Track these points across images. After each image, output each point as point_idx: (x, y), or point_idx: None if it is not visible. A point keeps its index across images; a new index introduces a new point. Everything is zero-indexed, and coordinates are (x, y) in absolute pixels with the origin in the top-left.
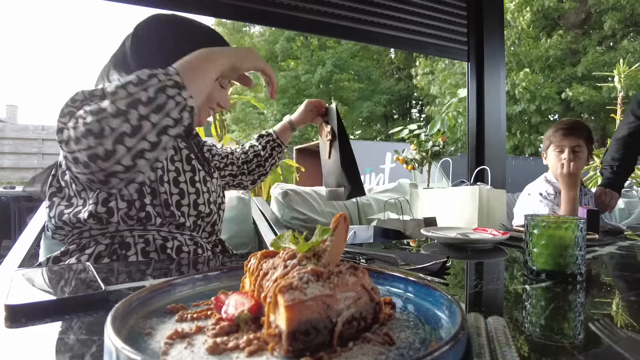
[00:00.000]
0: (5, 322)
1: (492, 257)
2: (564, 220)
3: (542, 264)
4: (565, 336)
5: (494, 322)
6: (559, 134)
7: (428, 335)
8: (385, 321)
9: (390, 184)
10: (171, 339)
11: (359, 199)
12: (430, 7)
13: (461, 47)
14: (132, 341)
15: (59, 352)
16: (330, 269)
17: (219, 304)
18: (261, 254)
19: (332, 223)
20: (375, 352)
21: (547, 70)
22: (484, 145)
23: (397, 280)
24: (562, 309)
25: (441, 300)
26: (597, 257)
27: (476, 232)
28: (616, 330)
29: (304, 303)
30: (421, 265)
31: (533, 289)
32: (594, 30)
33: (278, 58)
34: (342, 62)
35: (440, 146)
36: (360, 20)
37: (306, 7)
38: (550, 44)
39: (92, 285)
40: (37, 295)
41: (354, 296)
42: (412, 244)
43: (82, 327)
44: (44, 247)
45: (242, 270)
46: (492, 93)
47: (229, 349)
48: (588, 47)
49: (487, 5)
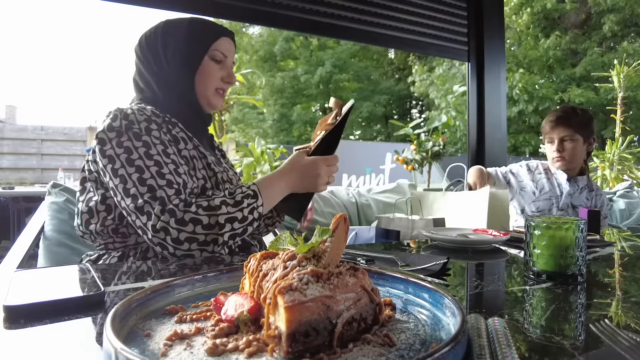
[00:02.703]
0: (4, 323)
1: (492, 258)
2: (564, 221)
3: (542, 264)
4: (566, 337)
5: (495, 323)
6: (548, 125)
7: (428, 336)
8: (385, 322)
9: (389, 184)
10: (170, 340)
11: (358, 199)
12: (430, 8)
13: (461, 48)
14: (131, 342)
15: (58, 353)
16: (330, 270)
17: (218, 305)
18: (261, 255)
19: (332, 224)
20: (375, 353)
21: (545, 71)
22: (485, 146)
23: (397, 282)
24: (563, 310)
25: (441, 301)
26: (597, 257)
27: (476, 233)
28: (617, 331)
29: (304, 304)
30: (421, 266)
31: (533, 290)
32: (595, 30)
33: (277, 58)
34: (342, 62)
35: (440, 146)
36: (360, 21)
37: (306, 8)
38: (548, 44)
39: (91, 287)
40: (36, 296)
41: (354, 297)
42: (412, 245)
43: (81, 329)
44: (42, 248)
45: (241, 271)
46: (492, 93)
47: (229, 350)
48: (588, 48)
49: (487, 6)
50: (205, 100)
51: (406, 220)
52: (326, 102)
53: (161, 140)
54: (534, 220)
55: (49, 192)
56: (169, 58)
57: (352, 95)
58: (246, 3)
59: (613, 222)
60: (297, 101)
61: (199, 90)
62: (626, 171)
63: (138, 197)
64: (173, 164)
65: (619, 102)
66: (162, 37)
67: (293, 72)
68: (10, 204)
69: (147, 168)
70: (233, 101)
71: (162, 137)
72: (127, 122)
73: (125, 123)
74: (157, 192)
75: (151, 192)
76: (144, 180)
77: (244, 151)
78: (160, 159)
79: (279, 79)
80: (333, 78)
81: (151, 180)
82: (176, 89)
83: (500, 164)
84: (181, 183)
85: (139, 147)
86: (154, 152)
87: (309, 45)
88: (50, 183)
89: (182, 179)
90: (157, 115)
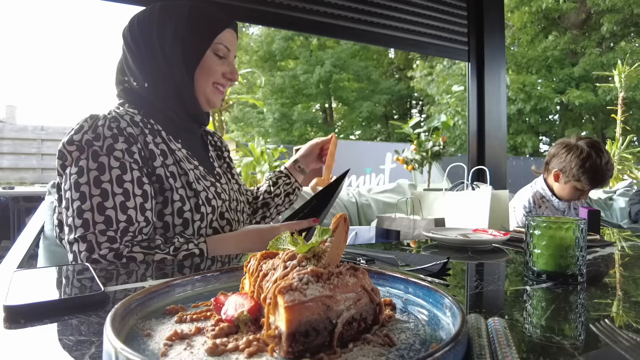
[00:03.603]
0: (4, 323)
1: (492, 258)
2: (564, 221)
3: (542, 264)
4: (566, 337)
5: (495, 323)
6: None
7: (428, 336)
8: (385, 322)
9: (389, 184)
10: (170, 340)
11: (358, 199)
12: (430, 7)
13: (461, 47)
14: (131, 342)
15: (57, 353)
16: (330, 269)
17: (218, 305)
18: (261, 255)
19: (332, 224)
20: (376, 353)
21: (544, 71)
22: (485, 146)
23: (397, 282)
24: (563, 310)
25: (442, 301)
26: (597, 257)
27: (476, 233)
28: (617, 331)
29: (304, 304)
30: (421, 266)
31: (534, 290)
32: (594, 31)
33: (276, 58)
34: (342, 62)
35: (440, 146)
36: (360, 21)
37: (306, 8)
38: (547, 44)
39: (92, 286)
40: (36, 296)
41: (354, 297)
42: (412, 245)
43: (81, 328)
44: (42, 248)
45: (241, 271)
46: (492, 93)
47: (229, 350)
48: (587, 48)
49: (487, 5)
50: (205, 98)
51: (406, 220)
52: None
53: (121, 163)
54: (534, 220)
55: (49, 192)
56: (165, 49)
57: (352, 94)
58: (246, 3)
59: (613, 220)
60: (298, 101)
61: (199, 88)
62: (626, 171)
63: (73, 229)
64: (123, 194)
65: (620, 102)
66: (158, 24)
67: (293, 71)
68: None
69: (90, 198)
70: (233, 101)
71: (126, 158)
72: (92, 136)
73: (87, 138)
74: (87, 234)
75: (84, 229)
76: (82, 212)
77: (243, 151)
78: (109, 188)
79: (278, 78)
80: (333, 78)
81: (88, 213)
82: (171, 85)
83: (500, 164)
84: (123, 221)
85: (91, 169)
86: (105, 178)
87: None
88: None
89: (127, 215)
90: (135, 124)
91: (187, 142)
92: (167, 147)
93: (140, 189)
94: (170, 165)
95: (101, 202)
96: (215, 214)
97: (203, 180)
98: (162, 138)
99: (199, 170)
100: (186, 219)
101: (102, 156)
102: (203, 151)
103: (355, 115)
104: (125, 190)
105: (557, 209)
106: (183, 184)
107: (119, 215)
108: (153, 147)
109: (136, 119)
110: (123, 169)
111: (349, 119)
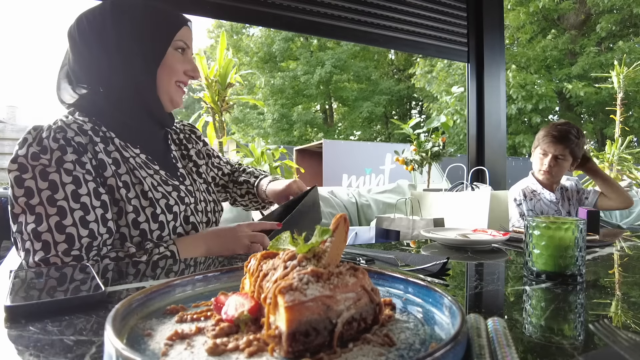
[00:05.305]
0: (4, 323)
1: (492, 258)
2: (564, 221)
3: (542, 265)
4: (566, 337)
5: (494, 323)
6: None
7: (428, 336)
8: (385, 322)
9: (389, 185)
10: (171, 339)
11: (358, 199)
12: (430, 8)
13: (461, 48)
14: (131, 342)
15: (58, 353)
16: (330, 269)
17: (218, 304)
18: (261, 255)
19: (332, 224)
20: (375, 353)
21: (543, 70)
22: (484, 146)
23: (397, 281)
24: (562, 310)
25: (441, 301)
26: (597, 258)
27: (476, 233)
28: (616, 331)
29: (304, 304)
30: (421, 266)
31: (533, 290)
32: (593, 31)
33: (277, 59)
34: (342, 62)
35: (440, 147)
36: (360, 22)
37: (306, 9)
38: (545, 44)
39: (92, 286)
40: (36, 296)
41: (354, 297)
42: (412, 245)
43: (81, 328)
44: None
45: (241, 271)
46: (492, 93)
47: (229, 350)
48: (586, 48)
49: (487, 6)
50: (168, 97)
51: (406, 220)
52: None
53: (74, 177)
54: (534, 220)
55: None
56: (122, 48)
57: (352, 95)
58: (246, 4)
59: (613, 220)
60: (298, 101)
61: (162, 87)
62: (625, 171)
63: (31, 253)
64: (82, 209)
65: (619, 102)
66: (113, 20)
67: (293, 72)
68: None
69: (47, 219)
70: (234, 102)
71: (77, 169)
72: (37, 149)
73: (32, 152)
74: (49, 257)
75: (44, 252)
76: (39, 235)
77: (244, 151)
78: (66, 205)
79: (279, 79)
80: (333, 78)
81: (47, 235)
82: (129, 86)
83: (500, 164)
84: (85, 236)
85: (42, 189)
86: (59, 196)
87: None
88: None
89: (89, 229)
90: (83, 133)
91: (147, 147)
92: (120, 155)
93: (98, 200)
94: (123, 174)
95: (59, 221)
96: (178, 220)
97: (164, 185)
98: (115, 146)
99: (160, 176)
100: (143, 229)
101: (52, 173)
102: (165, 153)
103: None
104: (84, 205)
105: (550, 200)
106: (137, 193)
107: (80, 231)
108: (103, 157)
109: (85, 127)
110: (77, 182)
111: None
